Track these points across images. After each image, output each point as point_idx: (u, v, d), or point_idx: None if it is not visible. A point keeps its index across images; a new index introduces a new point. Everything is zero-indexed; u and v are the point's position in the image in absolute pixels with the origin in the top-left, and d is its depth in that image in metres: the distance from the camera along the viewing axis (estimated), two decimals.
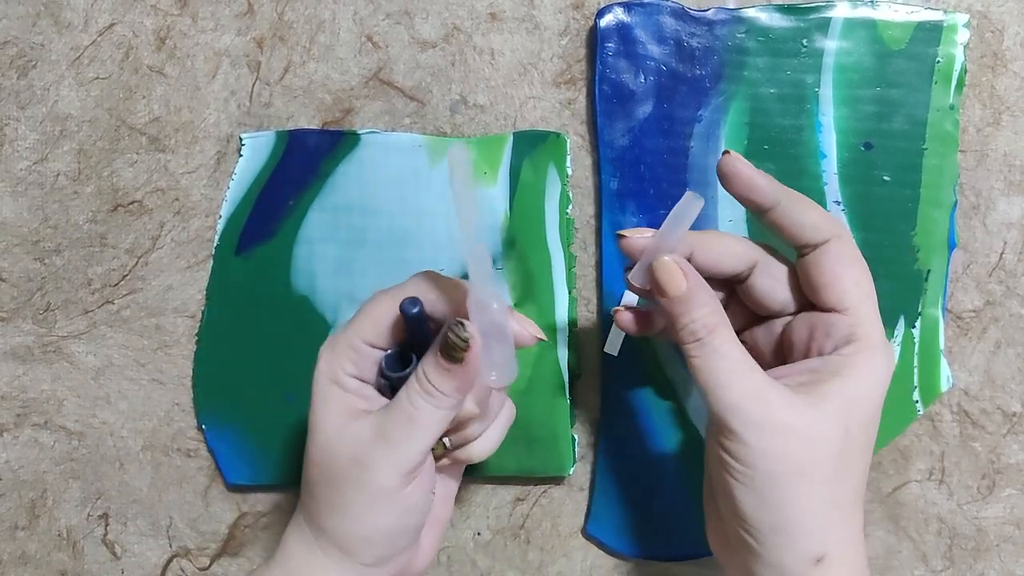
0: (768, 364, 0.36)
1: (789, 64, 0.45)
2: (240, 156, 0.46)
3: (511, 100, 0.46)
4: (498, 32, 0.46)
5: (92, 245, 0.46)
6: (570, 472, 0.45)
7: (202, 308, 0.46)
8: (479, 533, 0.46)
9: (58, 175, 0.46)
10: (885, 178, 0.45)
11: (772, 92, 0.45)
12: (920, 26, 0.44)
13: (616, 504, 0.45)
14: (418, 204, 0.45)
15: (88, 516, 0.47)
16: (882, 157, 0.45)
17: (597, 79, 0.45)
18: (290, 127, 0.46)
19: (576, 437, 0.45)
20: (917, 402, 0.45)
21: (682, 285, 0.34)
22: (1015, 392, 0.46)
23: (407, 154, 0.45)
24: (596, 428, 0.46)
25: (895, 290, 0.45)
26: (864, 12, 0.44)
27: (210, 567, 0.47)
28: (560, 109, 0.46)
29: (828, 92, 0.45)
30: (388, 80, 0.46)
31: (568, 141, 0.45)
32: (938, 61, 0.44)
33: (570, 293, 0.45)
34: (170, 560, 0.47)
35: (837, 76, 0.45)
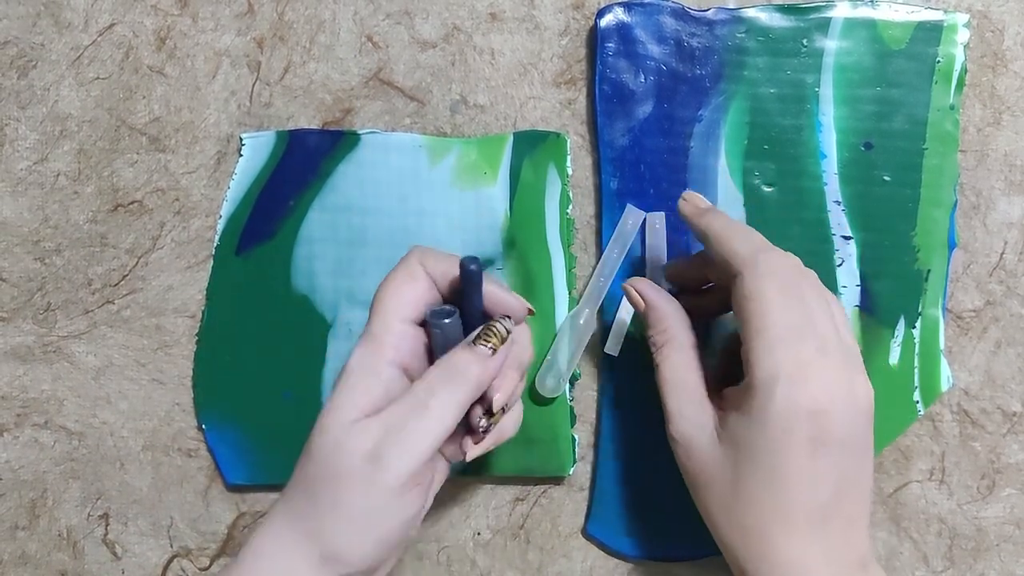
0: None
1: (789, 64, 0.45)
2: (240, 156, 0.46)
3: (511, 100, 0.46)
4: (498, 32, 0.46)
5: (92, 245, 0.46)
6: (570, 472, 0.45)
7: (202, 308, 0.46)
8: (479, 533, 0.46)
9: (58, 175, 0.46)
10: (885, 178, 0.45)
11: (772, 92, 0.45)
12: (920, 26, 0.44)
13: (616, 504, 0.45)
14: (418, 204, 0.45)
15: (88, 516, 0.47)
16: (882, 157, 0.45)
17: (597, 79, 0.45)
18: (290, 127, 0.46)
19: (576, 437, 0.45)
20: (918, 402, 0.45)
21: (640, 305, 0.40)
22: (1015, 392, 0.46)
23: (407, 154, 0.45)
24: (596, 428, 0.46)
25: (895, 290, 0.45)
26: (864, 12, 0.44)
27: (210, 567, 0.47)
28: (560, 109, 0.46)
29: (828, 92, 0.45)
30: (388, 80, 0.46)
31: (568, 141, 0.45)
32: (938, 61, 0.44)
33: (570, 293, 0.45)
34: (170, 560, 0.47)
35: (837, 76, 0.45)
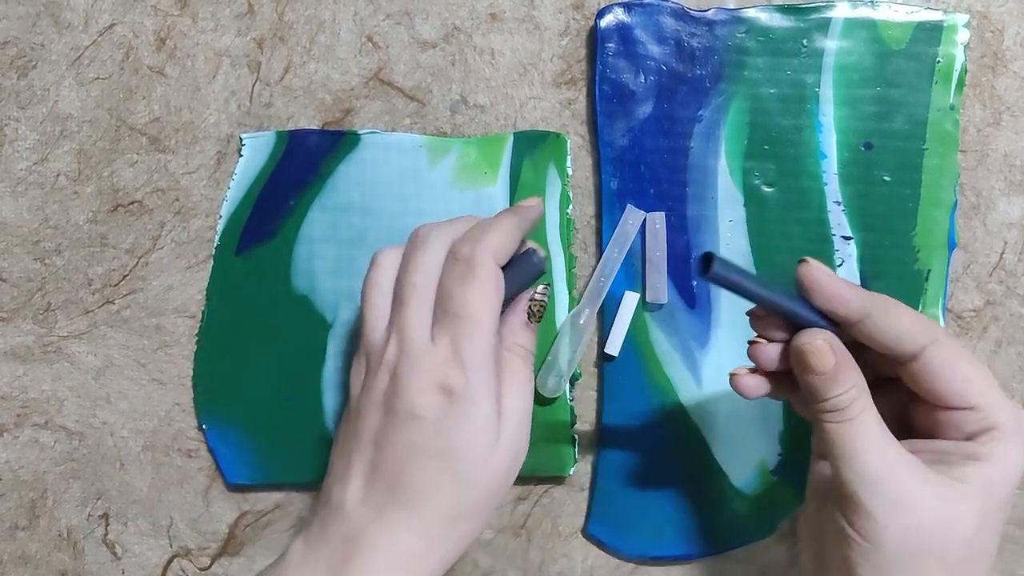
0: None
1: (789, 64, 0.45)
2: (240, 156, 0.46)
3: (511, 100, 0.46)
4: (498, 32, 0.46)
5: (92, 245, 0.46)
6: (570, 472, 0.45)
7: (202, 308, 0.46)
8: (481, 532, 0.46)
9: (58, 175, 0.46)
10: (885, 178, 0.45)
11: (772, 92, 0.45)
12: (920, 26, 0.44)
13: (616, 504, 0.45)
14: (418, 204, 0.45)
15: (88, 516, 0.47)
16: (882, 157, 0.45)
17: (597, 79, 0.45)
18: (290, 127, 0.46)
19: (576, 437, 0.45)
20: None
21: (830, 363, 0.32)
22: (1015, 392, 0.46)
23: (407, 154, 0.45)
24: (596, 428, 0.46)
25: (895, 290, 0.44)
26: (864, 12, 0.44)
27: (210, 567, 0.47)
28: (560, 109, 0.46)
29: (828, 92, 0.45)
30: (388, 80, 0.46)
31: (568, 141, 0.45)
32: (938, 61, 0.44)
33: (570, 293, 0.45)
34: (171, 560, 0.47)
35: (837, 76, 0.45)
